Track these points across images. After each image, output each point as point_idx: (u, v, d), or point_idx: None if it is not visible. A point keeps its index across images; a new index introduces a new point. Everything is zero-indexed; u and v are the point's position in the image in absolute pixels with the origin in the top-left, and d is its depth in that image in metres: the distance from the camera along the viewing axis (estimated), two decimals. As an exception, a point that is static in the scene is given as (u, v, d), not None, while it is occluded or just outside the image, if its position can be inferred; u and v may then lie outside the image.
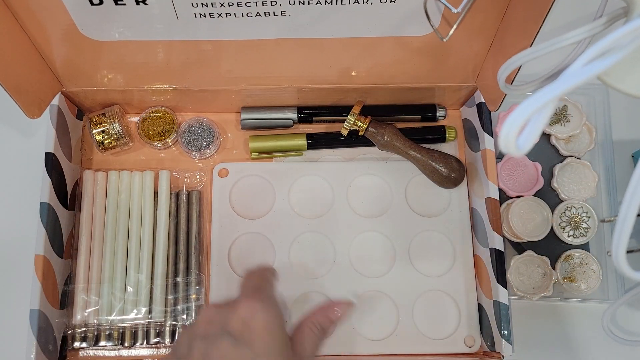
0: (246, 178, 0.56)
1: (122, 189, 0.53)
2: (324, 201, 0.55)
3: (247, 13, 0.42)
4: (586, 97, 0.59)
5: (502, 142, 0.26)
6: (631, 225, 0.26)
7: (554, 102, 0.26)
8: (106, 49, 0.46)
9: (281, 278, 0.42)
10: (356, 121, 0.53)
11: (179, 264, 0.52)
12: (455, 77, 0.52)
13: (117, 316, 0.50)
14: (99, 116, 0.54)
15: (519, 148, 0.26)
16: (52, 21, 0.43)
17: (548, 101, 0.26)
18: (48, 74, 0.49)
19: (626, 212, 0.26)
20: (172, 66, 0.49)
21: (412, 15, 0.43)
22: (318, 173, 0.56)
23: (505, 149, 0.26)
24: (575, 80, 0.26)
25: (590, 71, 0.26)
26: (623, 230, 0.26)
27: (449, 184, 0.53)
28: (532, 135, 0.26)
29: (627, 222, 0.26)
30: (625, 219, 0.26)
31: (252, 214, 0.55)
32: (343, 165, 0.56)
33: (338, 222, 0.55)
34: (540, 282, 0.54)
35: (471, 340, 0.52)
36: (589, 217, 0.55)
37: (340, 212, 0.55)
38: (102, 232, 0.52)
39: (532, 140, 0.26)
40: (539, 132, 0.26)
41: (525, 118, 0.26)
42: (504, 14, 0.43)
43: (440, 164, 0.53)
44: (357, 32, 0.45)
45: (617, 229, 0.27)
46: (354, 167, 0.56)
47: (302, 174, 0.56)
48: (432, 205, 0.55)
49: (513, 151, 0.26)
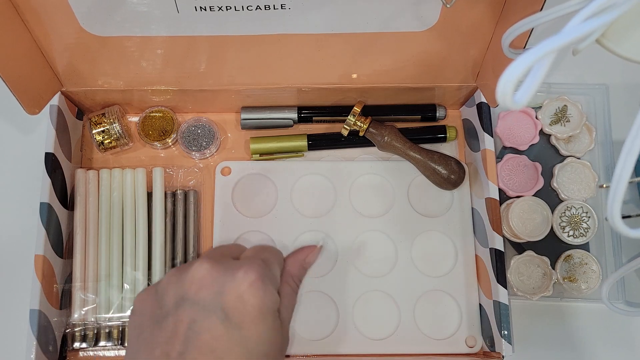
0: (248, 176, 0.56)
1: (114, 186, 0.53)
2: (326, 200, 0.55)
3: (247, 6, 0.42)
4: (586, 97, 0.59)
5: (499, 95, 0.26)
6: (626, 181, 0.27)
7: (552, 55, 0.26)
8: (106, 44, 0.46)
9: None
10: (357, 121, 0.53)
11: (176, 261, 0.52)
12: (455, 77, 0.52)
13: (115, 313, 0.50)
14: (98, 116, 0.54)
15: (515, 102, 0.26)
16: (54, 15, 0.43)
17: (545, 53, 0.26)
18: (48, 70, 0.49)
19: (620, 172, 0.27)
20: (172, 64, 0.49)
21: (414, 5, 0.43)
22: (320, 172, 0.56)
23: (501, 102, 0.26)
24: (572, 35, 0.26)
25: (587, 27, 0.26)
26: (618, 188, 0.27)
27: (449, 185, 0.53)
28: (529, 89, 0.26)
29: (622, 180, 0.27)
30: (620, 177, 0.27)
31: (254, 213, 0.55)
32: (346, 164, 0.56)
33: (340, 221, 0.55)
34: (540, 282, 0.54)
35: (472, 341, 0.52)
36: (589, 217, 0.55)
37: (343, 211, 0.55)
38: (96, 231, 0.52)
39: (529, 94, 0.26)
40: (536, 86, 0.26)
41: (522, 71, 0.25)
42: (501, 10, 0.44)
43: (439, 166, 0.53)
44: (357, 27, 0.45)
45: (613, 186, 0.28)
46: (356, 166, 0.56)
47: (305, 173, 0.56)
48: (434, 205, 0.55)
49: (510, 104, 0.26)
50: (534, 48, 0.26)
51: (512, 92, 0.26)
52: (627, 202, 0.58)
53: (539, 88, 0.26)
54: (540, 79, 0.26)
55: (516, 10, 0.41)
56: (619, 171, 0.27)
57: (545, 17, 0.33)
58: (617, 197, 0.28)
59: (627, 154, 0.27)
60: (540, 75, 0.26)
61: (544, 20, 0.33)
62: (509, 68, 0.25)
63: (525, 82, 0.26)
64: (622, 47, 0.31)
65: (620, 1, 0.26)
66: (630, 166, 0.27)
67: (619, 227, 0.29)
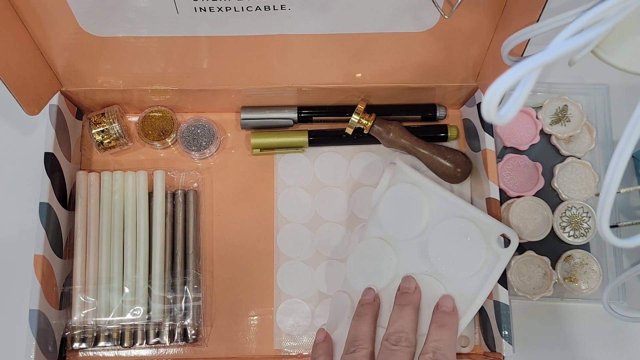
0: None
1: (115, 189, 0.53)
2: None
3: (247, 7, 0.42)
4: (586, 97, 0.59)
5: (484, 109, 0.26)
6: (614, 193, 0.28)
7: (537, 71, 0.26)
8: (106, 45, 0.46)
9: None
10: (361, 119, 0.53)
11: (176, 264, 0.52)
12: (455, 76, 0.52)
13: (115, 317, 0.50)
14: (98, 116, 0.54)
15: (500, 116, 0.26)
16: (53, 15, 0.43)
17: (531, 69, 0.26)
18: (47, 70, 0.49)
19: (609, 183, 0.27)
20: (172, 64, 0.49)
21: (413, 9, 0.43)
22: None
23: (487, 117, 0.26)
24: (559, 51, 0.26)
25: (573, 43, 0.26)
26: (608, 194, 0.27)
27: (456, 178, 0.53)
28: (514, 105, 0.26)
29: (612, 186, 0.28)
30: (608, 188, 0.27)
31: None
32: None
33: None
34: (540, 282, 0.54)
35: (466, 341, 0.52)
36: (589, 217, 0.55)
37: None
38: (97, 233, 0.52)
39: (514, 109, 0.26)
40: (521, 102, 0.26)
41: (507, 86, 0.26)
42: (501, 12, 0.44)
43: (446, 159, 0.53)
44: (357, 28, 0.45)
45: (601, 198, 0.28)
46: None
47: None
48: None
49: (494, 119, 0.26)
50: (519, 64, 0.26)
51: (497, 108, 0.26)
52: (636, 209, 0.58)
53: (523, 104, 0.26)
54: (525, 95, 0.26)
55: (516, 11, 0.41)
56: (608, 182, 0.28)
57: (541, 28, 0.33)
58: (606, 208, 0.28)
59: (615, 165, 0.28)
60: (526, 91, 0.26)
61: (540, 31, 0.33)
62: (493, 84, 0.26)
63: (510, 98, 0.26)
64: (617, 57, 0.31)
65: (609, 15, 0.26)
66: (618, 177, 0.27)
67: (607, 236, 0.29)
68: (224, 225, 0.55)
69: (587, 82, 0.60)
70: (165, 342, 0.51)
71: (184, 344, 0.52)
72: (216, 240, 0.55)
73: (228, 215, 0.55)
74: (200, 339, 0.51)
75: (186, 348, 0.52)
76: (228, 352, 0.52)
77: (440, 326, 0.44)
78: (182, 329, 0.51)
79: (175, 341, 0.51)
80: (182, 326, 0.51)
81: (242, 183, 0.56)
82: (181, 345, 0.52)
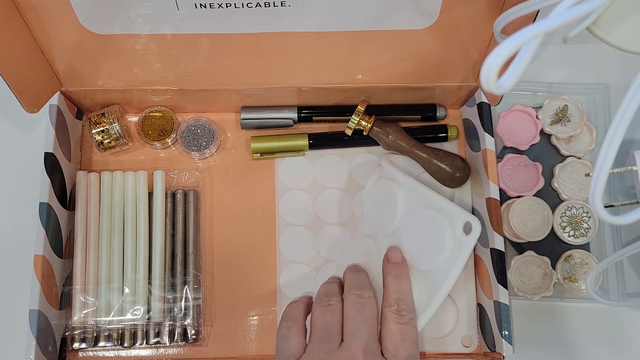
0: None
1: (115, 189, 0.53)
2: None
3: (247, 3, 0.42)
4: (586, 97, 0.59)
5: (483, 78, 0.25)
6: (607, 170, 0.28)
7: (537, 40, 0.26)
8: (106, 43, 0.46)
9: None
10: (361, 120, 0.53)
11: (176, 264, 0.52)
12: (455, 76, 0.52)
13: (115, 317, 0.50)
14: (98, 116, 0.54)
15: (499, 85, 0.26)
16: (54, 13, 0.43)
17: (531, 37, 0.25)
18: (48, 69, 0.49)
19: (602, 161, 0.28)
20: (172, 63, 0.49)
21: (413, 5, 0.43)
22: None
23: (485, 86, 0.26)
24: (559, 20, 0.26)
25: (573, 12, 0.26)
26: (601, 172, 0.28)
27: (454, 183, 0.53)
28: (514, 73, 0.26)
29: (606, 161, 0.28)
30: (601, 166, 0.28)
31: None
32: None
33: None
34: (540, 282, 0.54)
35: (469, 340, 0.52)
36: (589, 217, 0.55)
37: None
38: (97, 234, 0.52)
39: (513, 78, 0.26)
40: (521, 71, 0.26)
41: (507, 54, 0.25)
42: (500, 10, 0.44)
43: (445, 163, 0.52)
44: (357, 25, 0.45)
45: (595, 175, 0.29)
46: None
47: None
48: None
49: (493, 88, 0.26)
50: (519, 32, 0.25)
51: (496, 76, 0.25)
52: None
53: (523, 73, 0.26)
54: (525, 64, 0.26)
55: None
56: (601, 160, 0.28)
57: (533, 6, 0.32)
58: (599, 186, 0.28)
59: (608, 144, 0.28)
60: (526, 59, 0.26)
61: (536, 7, 0.32)
62: (494, 51, 0.25)
63: (510, 66, 0.26)
64: (613, 35, 0.31)
65: None
66: (612, 155, 0.27)
67: (601, 214, 0.29)
68: (224, 225, 0.55)
69: (587, 82, 0.60)
70: (165, 342, 0.51)
71: (184, 344, 0.52)
72: (216, 240, 0.55)
73: (228, 215, 0.55)
74: (200, 339, 0.51)
75: (186, 348, 0.52)
76: (228, 352, 0.52)
77: (397, 277, 0.46)
78: (182, 329, 0.51)
79: (175, 341, 0.51)
80: (182, 326, 0.51)
81: (242, 183, 0.56)
82: (181, 346, 0.52)
